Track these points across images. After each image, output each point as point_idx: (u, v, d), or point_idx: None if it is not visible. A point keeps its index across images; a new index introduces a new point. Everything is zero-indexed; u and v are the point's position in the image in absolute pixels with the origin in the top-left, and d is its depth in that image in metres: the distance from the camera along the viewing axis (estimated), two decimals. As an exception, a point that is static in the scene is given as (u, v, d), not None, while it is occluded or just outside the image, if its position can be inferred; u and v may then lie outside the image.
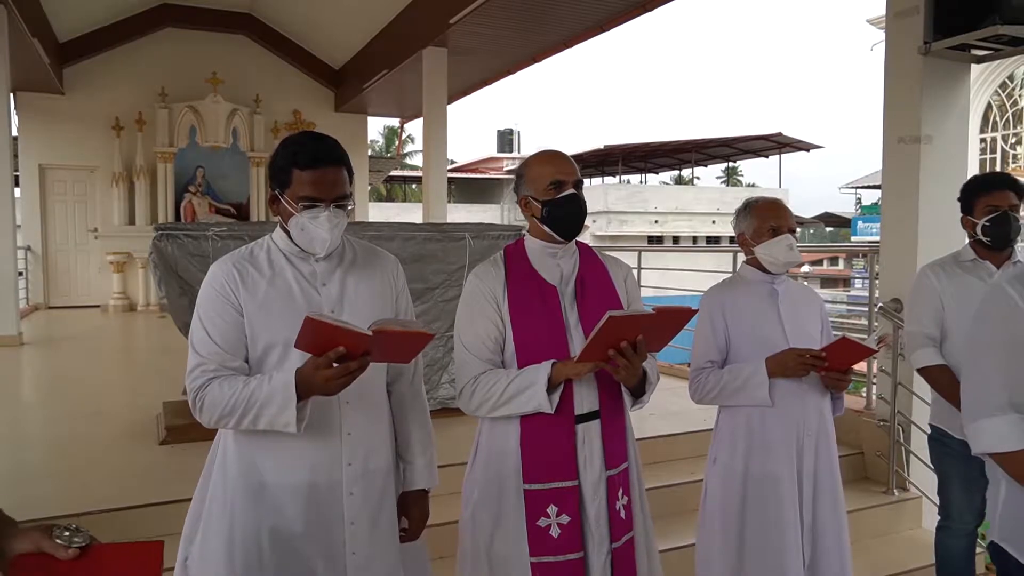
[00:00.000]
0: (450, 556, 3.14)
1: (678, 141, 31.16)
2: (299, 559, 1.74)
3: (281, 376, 1.65)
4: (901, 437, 4.09)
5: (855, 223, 30.89)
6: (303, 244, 1.77)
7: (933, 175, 4.00)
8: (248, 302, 1.74)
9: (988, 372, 1.56)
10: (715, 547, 2.41)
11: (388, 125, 39.54)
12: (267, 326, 1.73)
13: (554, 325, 1.93)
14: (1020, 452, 1.50)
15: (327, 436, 1.76)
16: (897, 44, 4.10)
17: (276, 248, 1.82)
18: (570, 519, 1.89)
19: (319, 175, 1.72)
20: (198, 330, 1.74)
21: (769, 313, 2.39)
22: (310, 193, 1.71)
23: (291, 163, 1.72)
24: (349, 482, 1.78)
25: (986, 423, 1.54)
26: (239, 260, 1.80)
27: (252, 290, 1.74)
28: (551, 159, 1.98)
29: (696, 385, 2.42)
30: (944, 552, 2.92)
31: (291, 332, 1.58)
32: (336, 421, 1.77)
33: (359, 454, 1.80)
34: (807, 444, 2.33)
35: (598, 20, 8.50)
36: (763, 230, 2.37)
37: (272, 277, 1.78)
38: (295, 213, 1.72)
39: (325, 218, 1.72)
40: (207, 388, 1.68)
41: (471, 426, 2.10)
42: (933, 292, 2.76)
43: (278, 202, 1.76)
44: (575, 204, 1.94)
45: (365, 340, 1.52)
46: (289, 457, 1.74)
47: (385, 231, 4.46)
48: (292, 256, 1.81)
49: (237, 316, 1.73)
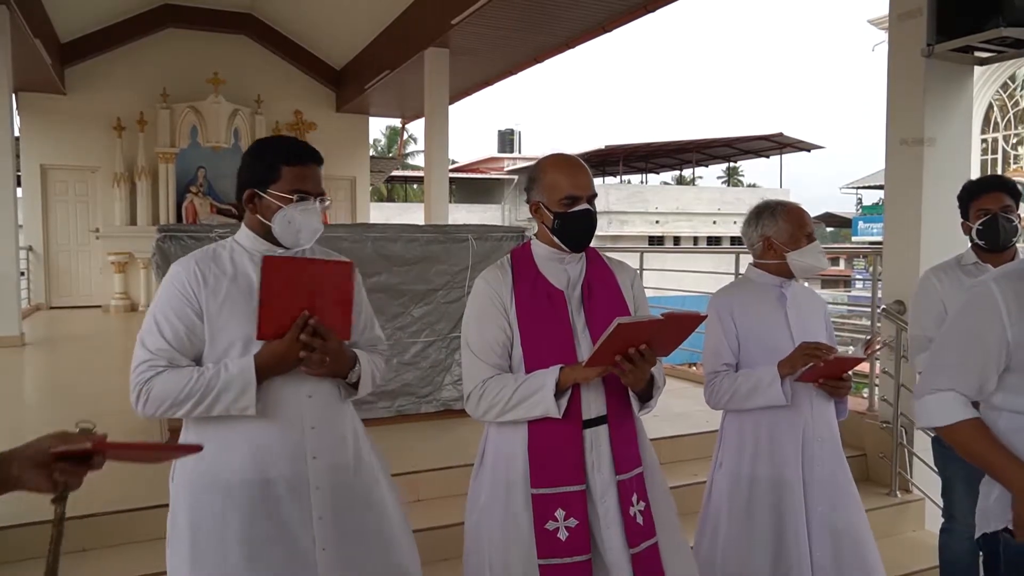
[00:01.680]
0: (455, 558, 3.16)
1: (679, 141, 31.17)
2: (267, 556, 1.75)
3: (238, 362, 1.72)
4: (904, 439, 4.09)
5: (856, 223, 30.91)
6: (286, 237, 1.83)
7: (936, 177, 4.00)
8: (210, 301, 1.78)
9: (946, 357, 1.68)
10: (720, 548, 2.41)
11: (390, 125, 39.58)
12: (228, 323, 1.77)
13: (562, 330, 1.93)
14: (956, 426, 1.63)
15: (291, 430, 1.79)
16: (900, 46, 4.11)
17: (240, 248, 1.88)
18: (578, 522, 1.89)
19: (308, 171, 1.84)
20: (151, 327, 1.78)
21: (777, 317, 2.39)
22: (301, 186, 1.81)
23: (281, 159, 1.82)
24: (315, 476, 1.81)
25: (929, 399, 1.67)
26: (202, 259, 1.85)
27: (214, 289, 1.79)
28: (568, 170, 1.95)
29: (711, 389, 2.41)
30: (948, 554, 2.92)
31: (251, 329, 1.71)
32: (299, 415, 1.80)
33: (324, 448, 1.83)
34: (817, 450, 2.34)
35: (600, 20, 8.50)
36: (799, 236, 2.37)
37: (235, 275, 1.83)
38: (283, 207, 1.80)
39: (316, 210, 1.83)
40: (155, 379, 1.72)
41: (474, 427, 2.10)
42: (935, 296, 2.77)
43: (257, 199, 1.83)
44: (587, 220, 1.94)
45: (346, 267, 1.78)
46: (253, 453, 1.76)
47: (389, 233, 4.47)
48: (258, 254, 1.84)
49: (194, 319, 1.77)
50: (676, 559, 1.99)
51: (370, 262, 4.36)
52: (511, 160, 36.76)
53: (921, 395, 1.69)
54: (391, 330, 4.46)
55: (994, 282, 1.59)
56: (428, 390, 4.56)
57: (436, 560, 3.22)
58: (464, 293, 4.51)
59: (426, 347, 4.56)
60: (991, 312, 1.57)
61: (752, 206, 2.52)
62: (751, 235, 2.45)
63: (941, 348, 1.71)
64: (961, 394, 1.62)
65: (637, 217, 29.72)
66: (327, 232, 4.57)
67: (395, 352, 4.49)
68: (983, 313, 1.60)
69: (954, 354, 1.66)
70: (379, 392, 4.44)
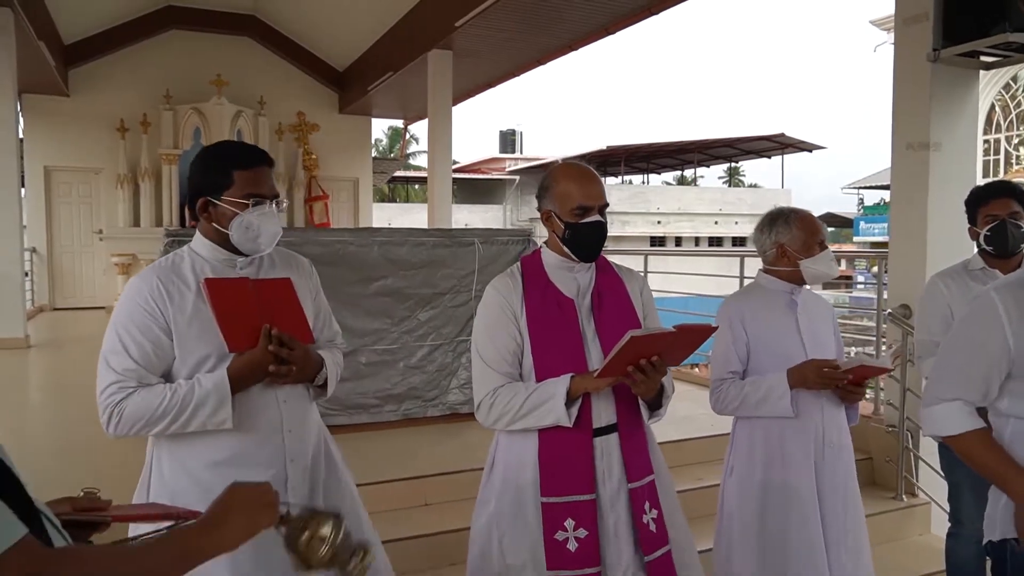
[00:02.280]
0: (461, 562, 3.17)
1: (680, 142, 31.20)
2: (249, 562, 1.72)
3: (212, 377, 1.71)
4: (910, 443, 4.09)
5: (857, 223, 30.90)
6: (244, 244, 1.80)
7: (942, 181, 4.00)
8: (177, 317, 1.75)
9: (951, 366, 1.72)
10: (735, 559, 2.41)
11: (391, 125, 39.56)
12: (198, 338, 1.75)
13: (572, 338, 1.93)
14: (962, 436, 1.67)
15: (271, 435, 1.80)
16: (906, 50, 4.11)
17: (200, 257, 1.84)
18: (588, 533, 1.89)
19: (261, 173, 1.80)
20: (115, 347, 1.73)
21: (788, 324, 2.40)
22: (256, 190, 1.78)
23: (232, 164, 1.78)
24: (292, 477, 1.82)
25: (936, 409, 1.71)
26: (163, 272, 1.81)
27: (180, 305, 1.75)
28: (580, 180, 1.95)
29: (717, 396, 2.42)
30: (955, 559, 2.92)
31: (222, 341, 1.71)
32: (278, 419, 1.81)
33: (299, 450, 1.84)
34: (828, 456, 2.34)
35: (603, 23, 8.50)
36: (812, 244, 2.38)
37: (199, 288, 1.79)
38: (239, 213, 1.77)
39: (273, 213, 1.80)
40: (126, 400, 1.69)
41: (481, 432, 2.11)
42: (942, 301, 2.77)
43: (212, 207, 1.80)
44: (598, 230, 1.94)
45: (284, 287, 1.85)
46: (234, 461, 1.76)
47: (395, 237, 4.48)
48: (217, 263, 1.83)
49: (160, 336, 1.74)
50: (689, 566, 2.01)
51: (377, 266, 4.37)
52: (512, 160, 36.78)
53: (928, 404, 1.73)
54: (397, 334, 4.47)
55: (995, 291, 1.65)
56: (435, 394, 4.57)
57: (443, 565, 3.23)
58: (471, 297, 4.52)
59: (432, 351, 4.57)
60: (992, 320, 1.62)
61: (765, 212, 2.52)
62: (764, 241, 2.46)
63: (946, 357, 1.75)
64: (967, 403, 1.66)
65: (639, 218, 29.73)
66: (332, 236, 4.62)
67: (402, 356, 4.50)
68: (985, 322, 1.64)
69: (958, 363, 1.70)
70: (385, 396, 4.46)
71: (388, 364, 4.46)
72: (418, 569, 3.20)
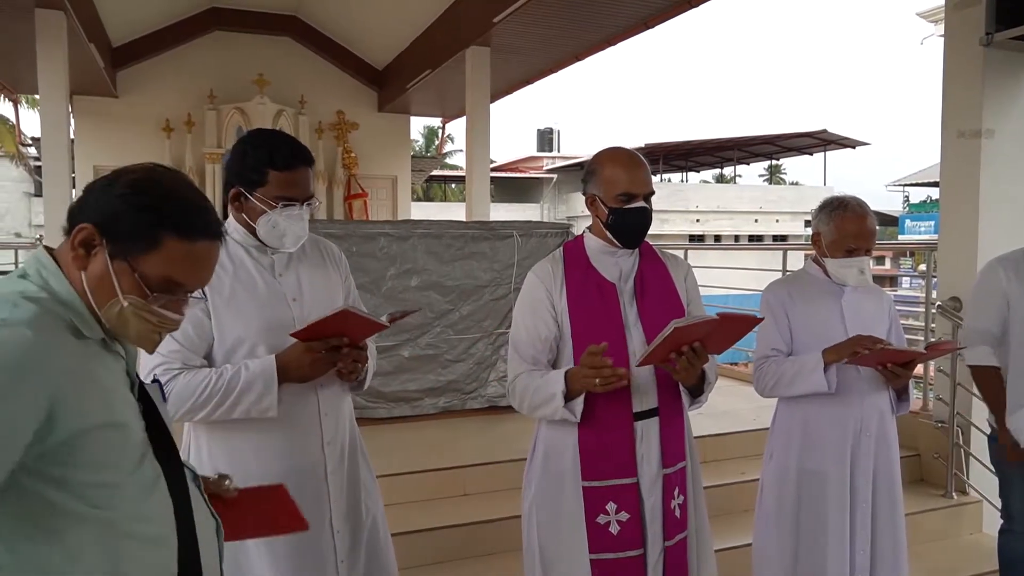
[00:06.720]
0: (500, 552, 3.17)
1: (720, 139, 30.82)
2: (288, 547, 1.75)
3: (260, 363, 1.71)
4: (960, 439, 3.98)
5: (903, 221, 30.18)
6: (270, 240, 1.82)
7: (994, 170, 3.89)
8: (215, 298, 1.76)
9: None
10: (771, 546, 2.39)
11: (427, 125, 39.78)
12: (236, 320, 1.77)
13: (613, 322, 1.92)
14: None
15: (308, 420, 1.82)
16: (957, 36, 4.00)
17: (233, 241, 1.86)
18: (629, 516, 1.88)
19: (296, 176, 1.79)
20: None
21: (832, 309, 2.35)
22: (287, 193, 1.78)
23: (267, 164, 1.77)
24: (330, 460, 1.84)
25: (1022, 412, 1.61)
26: None
27: (217, 286, 1.77)
28: (627, 166, 1.93)
29: (759, 375, 2.38)
30: (1008, 555, 2.83)
31: (259, 322, 1.73)
32: (315, 404, 1.83)
33: (335, 434, 1.86)
34: (864, 444, 2.30)
35: (643, 16, 8.42)
36: (839, 246, 2.31)
37: (235, 271, 1.81)
38: (267, 211, 1.77)
39: (302, 215, 1.80)
40: (171, 382, 1.69)
41: (519, 423, 2.13)
42: (998, 287, 2.61)
43: (243, 199, 1.81)
44: (643, 217, 1.93)
45: (378, 327, 1.77)
46: (271, 444, 1.77)
47: (434, 229, 4.50)
48: (251, 248, 1.85)
49: (201, 317, 1.75)
50: (702, 552, 2.02)
51: (417, 258, 4.40)
52: (550, 159, 36.70)
53: (1014, 410, 1.65)
54: (440, 327, 4.49)
55: None
56: (474, 386, 4.58)
57: (482, 554, 3.24)
58: (510, 290, 4.52)
59: (472, 344, 4.58)
60: None
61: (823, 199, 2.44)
62: (813, 224, 2.40)
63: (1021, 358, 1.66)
64: None
65: (677, 216, 29.44)
66: (372, 228, 4.63)
67: (443, 349, 4.51)
68: None
69: None
70: (425, 389, 4.48)
71: (430, 358, 4.49)
72: (457, 557, 3.22)
